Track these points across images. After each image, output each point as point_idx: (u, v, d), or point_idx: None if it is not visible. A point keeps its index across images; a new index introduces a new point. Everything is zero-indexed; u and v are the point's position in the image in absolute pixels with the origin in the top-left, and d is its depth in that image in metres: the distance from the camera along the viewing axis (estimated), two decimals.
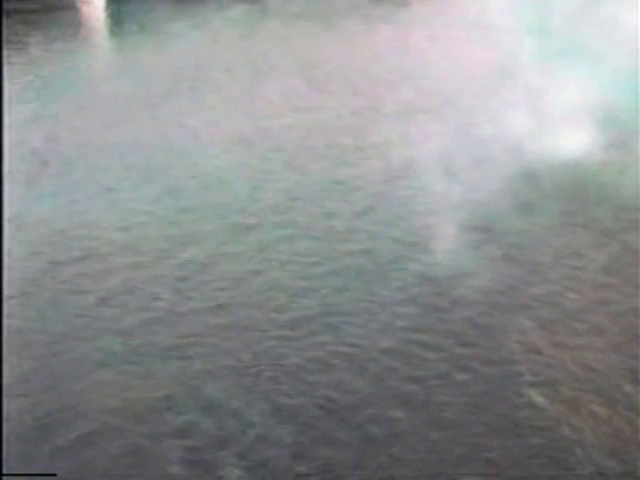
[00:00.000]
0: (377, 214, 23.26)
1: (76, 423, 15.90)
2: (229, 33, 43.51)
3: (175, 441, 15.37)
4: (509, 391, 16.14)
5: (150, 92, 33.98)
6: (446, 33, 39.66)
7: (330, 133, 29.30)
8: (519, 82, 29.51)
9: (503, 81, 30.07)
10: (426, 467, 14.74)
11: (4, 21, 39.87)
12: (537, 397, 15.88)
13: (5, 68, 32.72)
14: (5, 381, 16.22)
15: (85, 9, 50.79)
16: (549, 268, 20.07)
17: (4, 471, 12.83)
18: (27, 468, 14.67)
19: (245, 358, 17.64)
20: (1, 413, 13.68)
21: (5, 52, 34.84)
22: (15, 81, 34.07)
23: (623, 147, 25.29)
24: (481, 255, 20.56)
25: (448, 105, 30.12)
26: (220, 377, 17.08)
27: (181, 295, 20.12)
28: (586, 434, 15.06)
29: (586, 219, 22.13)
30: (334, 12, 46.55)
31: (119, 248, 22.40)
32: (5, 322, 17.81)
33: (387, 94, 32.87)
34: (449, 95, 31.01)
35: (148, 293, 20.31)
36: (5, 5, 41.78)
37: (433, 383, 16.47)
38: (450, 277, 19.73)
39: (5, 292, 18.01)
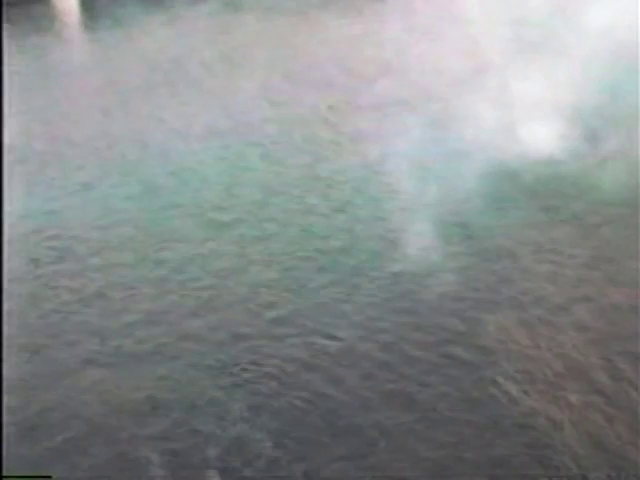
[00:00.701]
0: (355, 210, 23.22)
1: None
2: (204, 27, 43.29)
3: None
4: (486, 379, 16.41)
5: (125, 86, 33.75)
6: (422, 26, 39.61)
7: (308, 127, 29.20)
8: (495, 76, 29.54)
9: (479, 74, 30.08)
10: None
11: None
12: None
13: None
14: None
15: (59, 3, 50.33)
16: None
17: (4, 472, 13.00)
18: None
19: (226, 358, 17.70)
20: (1, 414, 13.63)
21: None
22: None
23: (597, 140, 25.37)
24: (457, 251, 20.66)
25: (425, 98, 30.05)
26: (202, 376, 17.11)
27: (161, 294, 20.15)
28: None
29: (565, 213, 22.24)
30: (309, 5, 46.36)
31: (96, 247, 22.34)
32: None
33: (363, 87, 32.77)
34: (426, 88, 30.95)
35: (127, 293, 20.33)
36: None
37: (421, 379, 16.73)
38: (427, 274, 19.79)
39: None
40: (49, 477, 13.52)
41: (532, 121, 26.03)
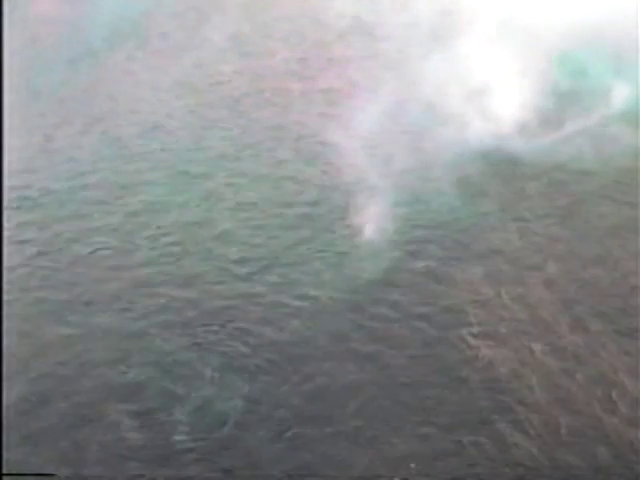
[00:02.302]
0: (325, 162, 22.86)
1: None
2: None
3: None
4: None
5: (92, 37, 32.81)
6: None
7: (278, 79, 28.67)
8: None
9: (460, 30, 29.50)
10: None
11: None
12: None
13: None
14: None
15: None
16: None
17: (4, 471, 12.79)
18: None
19: (194, 314, 17.45)
20: (1, 416, 13.41)
21: None
22: None
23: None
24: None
25: (399, 52, 29.56)
26: (170, 332, 16.86)
27: (127, 247, 19.83)
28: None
29: None
30: None
31: (60, 198, 21.87)
32: None
33: (336, 40, 32.17)
34: (401, 42, 30.43)
35: (92, 246, 19.93)
36: None
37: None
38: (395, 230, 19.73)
39: None
40: (52, 475, 13.37)
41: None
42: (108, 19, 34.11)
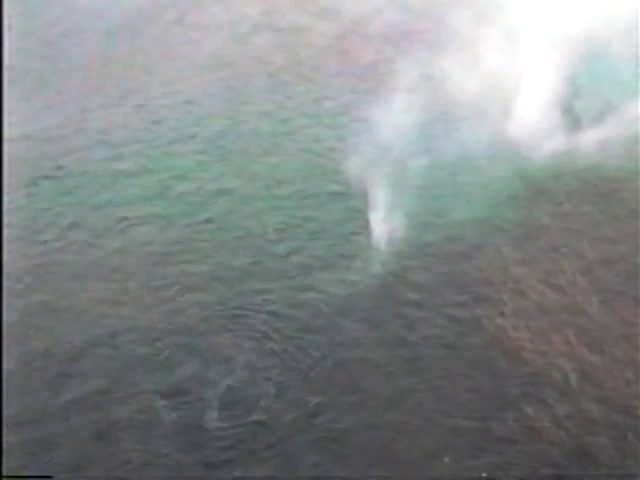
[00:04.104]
0: (360, 140, 22.53)
1: None
2: None
3: None
4: None
5: (130, 8, 32.58)
6: None
7: (314, 55, 28.31)
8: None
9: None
10: None
11: None
12: None
13: None
14: None
15: None
16: None
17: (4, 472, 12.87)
18: None
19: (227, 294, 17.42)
20: (1, 417, 13.48)
21: None
22: None
23: None
24: None
25: (439, 29, 29.02)
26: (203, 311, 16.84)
27: (159, 222, 19.69)
28: None
29: None
30: None
31: (93, 169, 21.89)
32: None
33: (373, 16, 31.71)
34: (441, 18, 29.87)
35: (122, 219, 19.82)
36: None
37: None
38: None
39: None
40: (50, 477, 13.36)
41: None
42: None
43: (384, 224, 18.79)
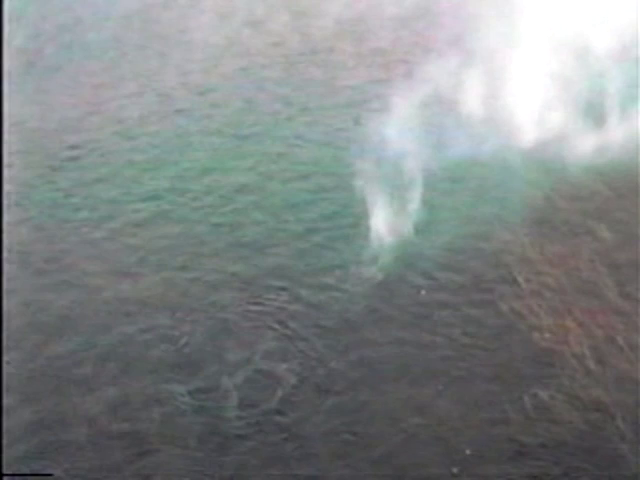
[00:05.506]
0: (375, 125, 22.23)
1: None
2: None
3: None
4: None
5: None
6: None
7: (331, 40, 28.04)
8: None
9: None
10: None
11: None
12: None
13: None
14: None
15: None
16: None
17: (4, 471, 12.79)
18: None
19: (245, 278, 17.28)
20: (1, 417, 13.40)
21: None
22: None
23: None
24: None
25: (453, 15, 28.70)
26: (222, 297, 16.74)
27: (178, 210, 19.49)
28: None
29: None
30: None
31: (108, 157, 21.73)
32: None
33: (390, 1, 31.36)
34: (455, 3, 29.56)
35: (140, 208, 19.61)
36: None
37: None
38: None
39: None
40: (50, 475, 13.23)
41: None
42: None
43: (405, 219, 18.50)
